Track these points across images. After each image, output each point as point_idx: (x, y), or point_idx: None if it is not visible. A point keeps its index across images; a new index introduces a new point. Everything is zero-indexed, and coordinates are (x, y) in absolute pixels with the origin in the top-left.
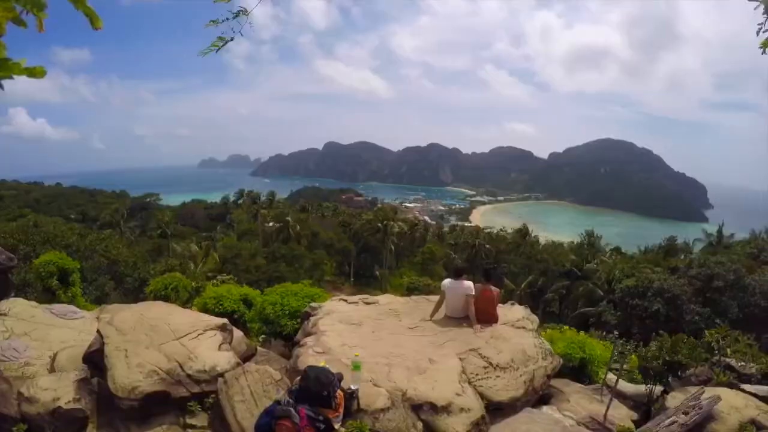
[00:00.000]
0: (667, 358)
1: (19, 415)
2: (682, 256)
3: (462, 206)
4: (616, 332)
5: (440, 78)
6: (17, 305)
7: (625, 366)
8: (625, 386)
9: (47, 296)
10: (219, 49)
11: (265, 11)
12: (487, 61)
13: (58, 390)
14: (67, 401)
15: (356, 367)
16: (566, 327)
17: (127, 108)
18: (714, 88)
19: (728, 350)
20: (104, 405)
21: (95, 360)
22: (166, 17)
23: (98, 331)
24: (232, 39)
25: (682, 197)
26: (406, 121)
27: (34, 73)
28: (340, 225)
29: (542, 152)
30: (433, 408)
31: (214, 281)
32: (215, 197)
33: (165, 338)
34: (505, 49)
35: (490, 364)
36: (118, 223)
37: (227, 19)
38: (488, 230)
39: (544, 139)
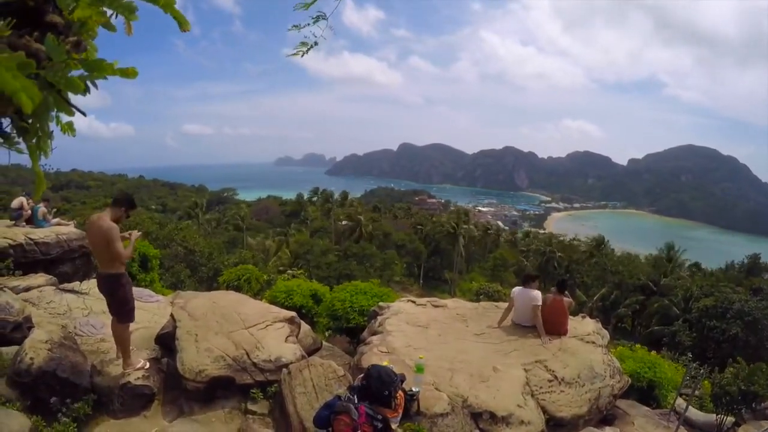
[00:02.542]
0: (743, 387)
1: (90, 387)
2: (766, 276)
3: (536, 212)
4: (689, 355)
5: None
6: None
7: (696, 392)
8: (694, 414)
9: None
10: (304, 53)
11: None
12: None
13: None
14: (137, 378)
15: (419, 369)
16: (637, 345)
17: (199, 107)
18: None
19: None
20: (171, 384)
21: (166, 342)
22: (244, 19)
23: (172, 315)
24: (316, 44)
25: None
26: (479, 123)
27: (126, 73)
28: (412, 226)
29: (620, 157)
30: (493, 417)
31: (285, 275)
32: (290, 194)
33: (234, 326)
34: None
35: (556, 377)
36: (196, 215)
37: (308, 24)
38: (561, 238)
39: (621, 143)
